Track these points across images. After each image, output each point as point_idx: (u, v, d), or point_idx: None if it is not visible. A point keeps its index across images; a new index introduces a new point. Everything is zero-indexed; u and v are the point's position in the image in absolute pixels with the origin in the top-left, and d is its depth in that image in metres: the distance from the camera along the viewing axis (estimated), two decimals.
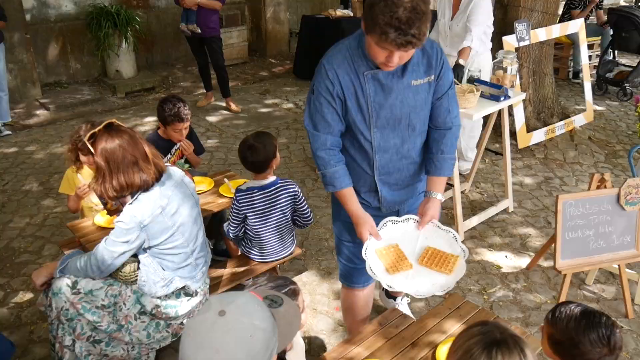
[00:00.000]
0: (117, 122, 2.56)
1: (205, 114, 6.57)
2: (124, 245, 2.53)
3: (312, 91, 2.31)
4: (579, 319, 1.69)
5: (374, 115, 2.28)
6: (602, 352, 1.65)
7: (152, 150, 2.58)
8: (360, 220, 2.39)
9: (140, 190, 2.51)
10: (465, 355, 1.34)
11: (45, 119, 6.51)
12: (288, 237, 3.37)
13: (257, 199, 3.15)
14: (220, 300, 1.36)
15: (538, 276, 3.76)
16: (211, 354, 1.27)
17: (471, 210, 4.53)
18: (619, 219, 3.18)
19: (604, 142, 5.79)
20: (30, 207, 4.65)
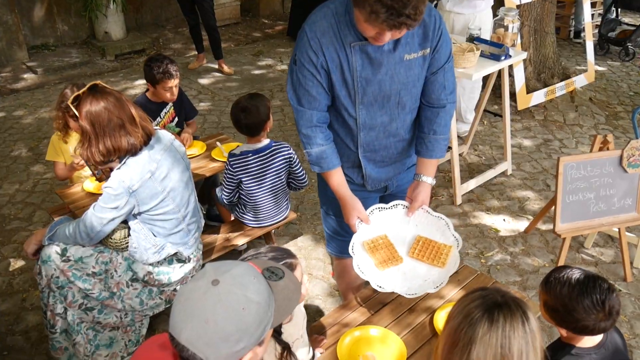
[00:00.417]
0: (102, 84, 2.45)
1: (197, 77, 6.43)
2: (112, 212, 2.45)
3: (294, 61, 2.07)
4: (573, 285, 1.63)
5: (360, 92, 2.07)
6: (598, 318, 1.60)
7: (140, 112, 2.48)
8: (347, 204, 2.23)
9: (128, 154, 2.42)
10: (465, 319, 1.27)
11: (32, 82, 6.35)
12: (283, 201, 3.30)
13: (251, 163, 3.06)
14: (216, 268, 1.30)
15: (536, 239, 3.71)
16: (200, 323, 1.22)
17: (469, 173, 4.46)
18: (620, 181, 3.11)
19: (604, 103, 5.69)
20: (19, 173, 4.56)
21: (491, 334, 1.21)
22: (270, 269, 1.43)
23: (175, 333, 1.25)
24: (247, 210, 3.25)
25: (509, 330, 1.22)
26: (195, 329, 1.22)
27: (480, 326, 1.22)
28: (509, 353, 1.20)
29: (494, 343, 1.21)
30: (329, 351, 2.01)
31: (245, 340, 1.25)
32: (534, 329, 1.25)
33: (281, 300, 1.38)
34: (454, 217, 3.93)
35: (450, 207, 4.04)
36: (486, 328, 1.22)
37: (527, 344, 1.22)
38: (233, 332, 1.23)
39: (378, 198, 2.51)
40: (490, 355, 1.20)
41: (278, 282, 1.40)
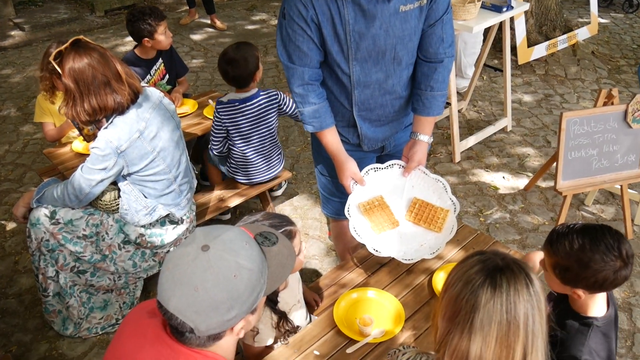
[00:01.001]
0: (85, 39, 2.32)
1: (189, 32, 6.25)
2: (101, 173, 2.37)
3: (282, 16, 1.95)
4: (582, 236, 1.53)
5: (353, 47, 1.96)
6: (616, 266, 1.48)
7: (126, 69, 2.37)
8: (341, 164, 2.15)
9: (115, 113, 2.32)
10: (466, 286, 1.20)
11: (20, 40, 6.18)
12: (274, 154, 3.22)
13: (239, 111, 2.97)
14: (206, 233, 1.23)
15: (536, 197, 3.66)
16: (189, 291, 1.16)
17: (468, 129, 4.37)
18: (624, 137, 3.03)
19: (607, 56, 5.55)
20: (9, 133, 4.46)
21: (495, 300, 1.14)
22: (264, 234, 1.36)
23: (163, 301, 1.19)
24: (239, 166, 3.17)
25: (514, 294, 1.15)
26: (184, 296, 1.16)
27: (482, 293, 1.16)
28: (514, 318, 1.14)
29: (499, 309, 1.14)
30: (326, 314, 1.97)
31: (237, 309, 1.20)
32: (538, 291, 1.19)
33: (275, 267, 1.32)
34: (452, 175, 3.86)
35: (448, 165, 3.97)
36: (489, 294, 1.15)
37: (532, 307, 1.16)
38: (224, 300, 1.17)
39: (374, 158, 2.43)
40: (496, 321, 1.14)
41: (271, 248, 1.33)
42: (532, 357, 1.15)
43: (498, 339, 1.14)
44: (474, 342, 1.14)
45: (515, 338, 1.14)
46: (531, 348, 1.15)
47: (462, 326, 1.16)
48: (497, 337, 1.14)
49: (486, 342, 1.14)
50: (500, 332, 1.14)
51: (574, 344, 1.58)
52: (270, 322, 1.81)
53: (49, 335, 2.77)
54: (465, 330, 1.15)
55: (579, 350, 1.56)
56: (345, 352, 1.83)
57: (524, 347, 1.15)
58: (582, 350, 1.55)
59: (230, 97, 3.00)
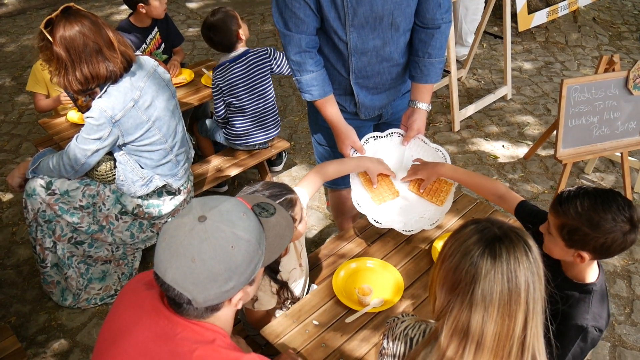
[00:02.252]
0: (76, 6, 2.27)
1: (185, 0, 6.13)
2: (96, 143, 2.34)
3: None
4: (594, 197, 1.50)
5: (350, 12, 1.91)
6: (626, 228, 1.46)
7: (119, 37, 2.32)
8: (341, 133, 2.13)
9: (108, 82, 2.28)
10: (464, 258, 1.17)
11: (13, 8, 6.06)
12: (270, 115, 3.20)
13: (230, 72, 2.99)
14: (203, 204, 1.21)
15: (536, 165, 3.64)
16: (186, 262, 1.14)
17: (467, 98, 4.33)
18: (625, 104, 2.99)
19: (608, 22, 5.46)
20: (4, 104, 4.41)
21: (496, 270, 1.13)
22: (261, 204, 1.35)
23: (160, 272, 1.18)
24: (236, 128, 3.15)
25: (514, 263, 1.13)
26: (181, 268, 1.15)
27: (482, 263, 1.14)
28: (516, 287, 1.13)
29: (500, 279, 1.13)
30: (325, 284, 1.97)
31: (235, 280, 1.18)
32: (537, 257, 1.17)
33: (273, 238, 1.31)
34: (452, 144, 3.84)
35: (448, 134, 3.94)
36: (490, 264, 1.14)
37: (532, 274, 1.15)
38: (221, 272, 1.16)
39: (372, 126, 2.40)
40: (497, 291, 1.13)
41: (269, 219, 1.32)
42: (532, 323, 1.15)
43: (500, 308, 1.13)
44: (475, 313, 1.13)
45: (517, 307, 1.13)
46: (532, 314, 1.14)
47: (462, 297, 1.14)
48: (498, 307, 1.13)
49: (488, 313, 1.13)
50: (502, 302, 1.13)
51: (579, 312, 1.57)
52: (269, 289, 1.81)
53: (47, 305, 2.78)
54: (465, 302, 1.14)
55: (584, 319, 1.55)
56: (344, 321, 1.83)
57: (525, 314, 1.14)
58: (587, 318, 1.55)
59: (221, 60, 3.04)
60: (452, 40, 3.68)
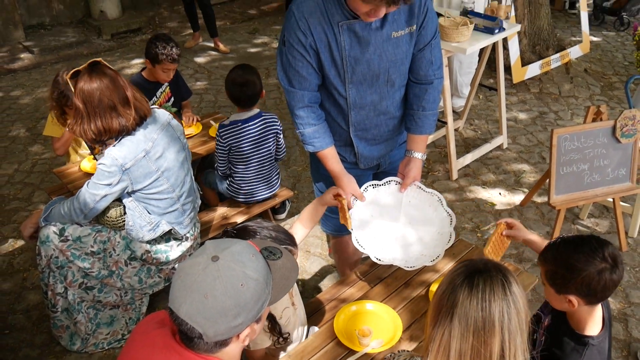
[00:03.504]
0: (103, 62, 2.45)
1: (193, 55, 6.39)
2: (105, 188, 2.48)
3: (282, 42, 2.06)
4: (568, 241, 1.62)
5: (349, 71, 2.07)
6: (601, 266, 1.54)
7: (136, 94, 2.49)
8: (342, 182, 2.24)
9: (120, 135, 2.44)
10: (449, 286, 1.31)
11: (29, 62, 6.32)
12: (273, 173, 3.33)
13: (240, 131, 3.11)
14: (216, 245, 1.33)
15: (532, 212, 3.75)
16: (199, 298, 1.25)
17: (465, 147, 4.48)
18: (614, 151, 3.13)
19: (600, 74, 5.67)
20: (18, 153, 4.57)
21: (472, 298, 1.25)
22: (269, 248, 1.47)
23: (174, 307, 1.28)
24: (240, 185, 3.28)
25: (489, 293, 1.25)
26: (195, 303, 1.25)
27: (461, 291, 1.27)
28: (489, 315, 1.24)
29: (475, 306, 1.25)
30: (326, 326, 2.05)
31: (243, 316, 1.29)
32: (516, 292, 1.28)
33: (279, 279, 1.42)
34: (450, 192, 3.96)
35: (446, 182, 4.07)
36: (466, 292, 1.26)
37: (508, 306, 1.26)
38: (231, 307, 1.26)
39: (371, 175, 2.53)
40: (472, 317, 1.24)
41: (276, 262, 1.44)
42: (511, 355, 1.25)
43: (475, 334, 1.24)
44: (453, 337, 1.24)
45: (490, 335, 1.24)
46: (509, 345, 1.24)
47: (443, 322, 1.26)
48: (473, 333, 1.24)
49: (464, 337, 1.24)
50: (476, 329, 1.24)
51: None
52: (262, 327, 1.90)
53: (56, 350, 2.84)
54: (446, 326, 1.25)
55: None
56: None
57: (501, 343, 1.24)
58: None
59: (233, 119, 3.12)
60: (447, 92, 3.85)
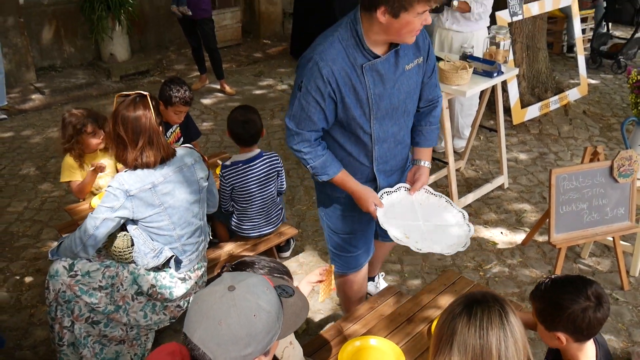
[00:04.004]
0: (151, 96, 2.59)
1: (200, 97, 6.55)
2: (107, 211, 2.54)
3: (298, 88, 2.16)
4: (555, 281, 1.72)
5: (375, 108, 2.20)
6: (584, 304, 1.63)
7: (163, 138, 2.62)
8: (362, 195, 2.37)
9: (145, 167, 2.55)
10: (448, 316, 1.39)
11: (40, 103, 6.48)
12: (273, 210, 3.41)
13: (242, 171, 3.20)
14: (233, 277, 1.41)
15: (533, 251, 3.79)
16: (214, 324, 1.31)
17: (466, 187, 4.55)
18: (612, 191, 3.20)
19: (598, 115, 5.79)
20: (27, 191, 4.66)
21: (470, 327, 1.32)
22: (282, 286, 1.54)
23: (189, 332, 1.34)
24: (242, 220, 3.35)
25: (486, 322, 1.32)
26: (209, 329, 1.31)
27: (459, 320, 1.33)
28: (487, 343, 1.30)
29: (473, 334, 1.31)
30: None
31: (254, 346, 1.34)
32: (513, 322, 1.35)
33: (289, 315, 1.48)
34: None
35: None
36: (465, 321, 1.33)
37: (505, 335, 1.32)
38: (243, 336, 1.32)
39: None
40: (470, 345, 1.30)
41: (288, 299, 1.50)
42: None
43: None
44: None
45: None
46: None
47: (443, 350, 1.31)
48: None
49: None
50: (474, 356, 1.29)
51: None
52: None
53: None
54: (446, 354, 1.31)
55: None
56: None
57: None
58: None
59: (234, 159, 3.23)
60: (448, 133, 3.95)
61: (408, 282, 3.51)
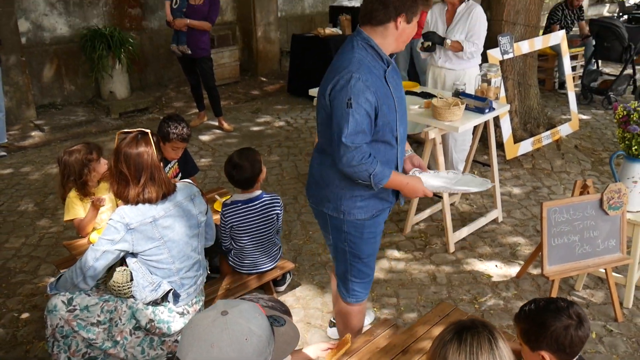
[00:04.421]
0: (151, 134, 2.64)
1: (198, 133, 6.64)
2: (107, 244, 2.57)
3: (348, 106, 2.27)
4: (537, 302, 1.81)
5: (400, 110, 2.46)
6: (567, 323, 1.72)
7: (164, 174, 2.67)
8: (415, 183, 2.52)
9: (147, 202, 2.60)
10: (440, 343, 1.46)
11: (40, 140, 6.56)
12: (272, 250, 3.44)
13: (241, 211, 3.23)
14: (226, 303, 1.46)
15: (528, 284, 3.82)
16: (206, 347, 1.35)
17: (461, 221, 4.60)
18: (603, 223, 3.25)
19: (590, 150, 5.89)
20: (25, 227, 4.70)
21: (460, 352, 1.36)
22: (274, 316, 1.59)
23: (181, 355, 1.38)
24: (240, 257, 3.39)
25: (476, 347, 1.37)
26: (201, 351, 1.35)
27: (450, 346, 1.38)
28: None
29: (464, 359, 1.35)
30: None
31: None
32: (502, 347, 1.40)
33: (280, 343, 1.52)
34: (447, 265, 4.05)
35: (443, 255, 4.16)
36: (455, 347, 1.37)
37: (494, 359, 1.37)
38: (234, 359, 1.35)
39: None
40: None
41: (279, 328, 1.54)
42: None
43: None
44: None
45: None
46: None
47: None
48: None
49: None
50: None
51: None
52: None
53: None
54: None
55: None
56: None
57: None
58: None
59: (234, 199, 3.29)
60: (442, 168, 4.02)
61: (404, 315, 3.52)
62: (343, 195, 2.51)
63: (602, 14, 13.66)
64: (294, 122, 7.07)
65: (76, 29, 7.41)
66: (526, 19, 5.61)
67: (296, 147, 6.26)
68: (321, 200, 2.62)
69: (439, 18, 4.66)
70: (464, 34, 4.48)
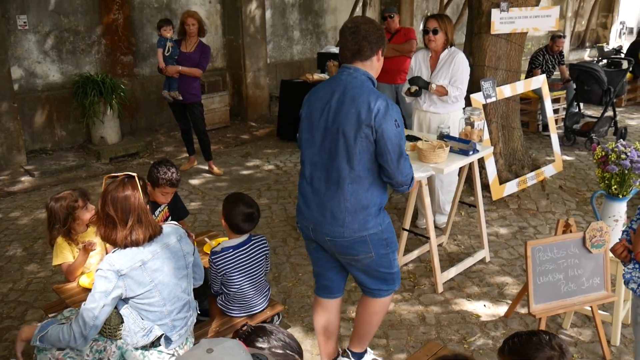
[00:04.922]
0: (138, 178, 2.68)
1: (188, 177, 6.71)
2: (102, 297, 2.56)
3: (396, 125, 2.65)
4: (520, 335, 1.88)
5: None
6: (549, 354, 1.79)
7: (150, 216, 2.71)
8: None
9: (133, 245, 2.62)
10: None
11: (30, 185, 6.59)
12: (263, 290, 3.46)
13: (232, 257, 3.25)
14: (210, 341, 1.50)
15: (516, 323, 3.84)
16: None
17: (449, 262, 4.65)
18: (586, 261, 3.31)
19: (574, 190, 6.01)
20: (13, 272, 4.68)
21: None
22: (256, 354, 1.61)
23: None
24: (231, 301, 3.39)
25: None
26: None
27: None
28: None
29: None
30: None
31: None
32: None
33: None
34: (436, 305, 4.07)
35: (432, 295, 4.19)
36: None
37: None
38: None
39: None
40: None
41: None
42: None
43: None
44: None
45: None
46: None
47: None
48: None
49: None
50: None
51: None
52: None
53: None
54: None
55: None
56: None
57: None
58: None
59: (224, 246, 3.30)
60: (429, 209, 4.09)
61: (394, 356, 3.53)
62: (377, 210, 2.82)
63: (582, 59, 14.11)
64: (283, 166, 7.16)
65: (68, 75, 7.55)
66: (508, 64, 5.80)
67: (285, 190, 6.33)
68: (361, 226, 2.79)
69: (422, 64, 4.82)
70: (448, 79, 4.63)
